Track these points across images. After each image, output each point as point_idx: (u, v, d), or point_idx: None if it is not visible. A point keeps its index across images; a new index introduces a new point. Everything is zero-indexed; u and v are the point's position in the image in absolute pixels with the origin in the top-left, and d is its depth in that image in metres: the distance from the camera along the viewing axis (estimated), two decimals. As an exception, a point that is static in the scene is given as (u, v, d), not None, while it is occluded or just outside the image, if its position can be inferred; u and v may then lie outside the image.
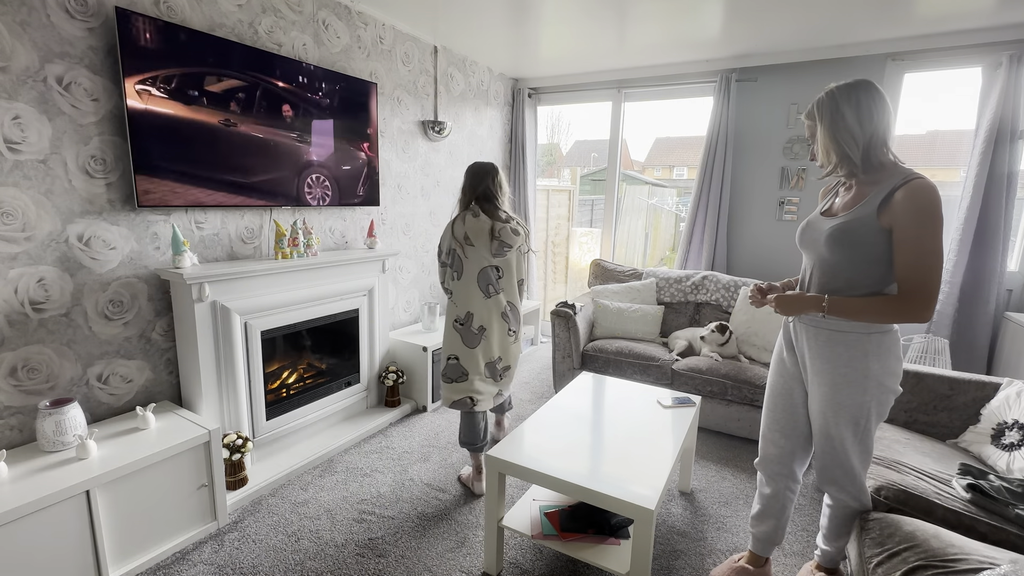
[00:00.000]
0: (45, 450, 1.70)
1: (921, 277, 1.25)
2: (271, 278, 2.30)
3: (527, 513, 1.82)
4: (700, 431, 2.89)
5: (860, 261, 1.34)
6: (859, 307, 1.32)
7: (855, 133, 1.32)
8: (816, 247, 1.42)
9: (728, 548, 1.95)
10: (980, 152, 2.86)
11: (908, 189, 1.25)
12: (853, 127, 1.32)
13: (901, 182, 1.28)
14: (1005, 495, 1.56)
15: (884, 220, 1.29)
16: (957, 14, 2.67)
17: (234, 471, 2.13)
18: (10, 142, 1.65)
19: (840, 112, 1.33)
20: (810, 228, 1.47)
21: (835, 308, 1.33)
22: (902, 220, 1.25)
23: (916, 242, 1.25)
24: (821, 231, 1.41)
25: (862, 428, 1.42)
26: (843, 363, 1.38)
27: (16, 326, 1.72)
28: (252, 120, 2.25)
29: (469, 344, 2.15)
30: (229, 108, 2.15)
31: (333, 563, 1.81)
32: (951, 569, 1.23)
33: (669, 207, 5.75)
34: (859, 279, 1.36)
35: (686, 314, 3.48)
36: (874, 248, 1.31)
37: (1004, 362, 2.95)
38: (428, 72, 3.41)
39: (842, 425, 1.42)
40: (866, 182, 1.37)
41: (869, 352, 1.35)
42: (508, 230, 2.10)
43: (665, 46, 3.34)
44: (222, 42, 2.10)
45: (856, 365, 1.36)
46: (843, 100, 1.33)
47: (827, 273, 1.41)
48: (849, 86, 1.34)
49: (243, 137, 2.22)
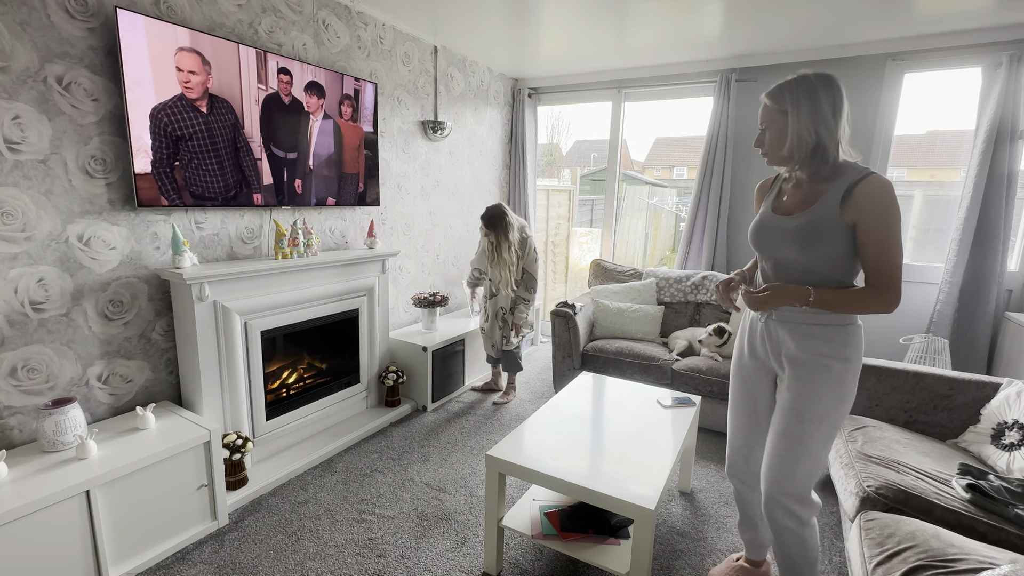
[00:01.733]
0: (45, 450, 1.70)
1: (892, 269, 1.27)
2: (271, 278, 2.30)
3: (527, 513, 1.82)
4: (700, 431, 2.89)
5: (830, 257, 1.33)
6: (842, 299, 1.32)
7: (830, 127, 1.30)
8: (779, 247, 1.41)
9: (728, 548, 1.95)
10: (980, 152, 2.86)
11: (869, 185, 1.27)
12: (829, 120, 1.30)
13: (858, 178, 1.28)
14: (1005, 495, 1.56)
15: (847, 216, 1.29)
16: (957, 14, 2.67)
17: (234, 471, 2.13)
18: (10, 142, 1.65)
19: (819, 103, 1.29)
20: (766, 228, 1.45)
21: (820, 300, 1.32)
22: (868, 216, 1.26)
23: (885, 236, 1.26)
24: (783, 230, 1.39)
25: (832, 425, 1.39)
26: (823, 354, 1.37)
27: (16, 326, 1.72)
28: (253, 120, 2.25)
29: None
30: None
31: (333, 563, 1.81)
32: (951, 569, 1.23)
33: (669, 207, 5.75)
34: (831, 274, 1.36)
35: (686, 314, 3.48)
36: (841, 244, 1.32)
37: (1004, 362, 2.95)
38: (428, 72, 3.41)
39: (813, 422, 1.38)
40: (818, 179, 1.36)
41: (847, 343, 1.36)
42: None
43: (665, 46, 3.34)
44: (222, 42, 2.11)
45: (836, 355, 1.36)
46: (823, 90, 1.30)
47: (795, 271, 1.40)
48: (827, 78, 1.31)
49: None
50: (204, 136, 2.08)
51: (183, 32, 1.96)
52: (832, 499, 2.26)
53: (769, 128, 1.40)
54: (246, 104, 2.22)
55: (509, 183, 4.54)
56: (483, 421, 2.99)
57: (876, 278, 1.29)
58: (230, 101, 2.16)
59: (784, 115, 1.35)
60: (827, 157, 1.32)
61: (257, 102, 2.26)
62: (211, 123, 2.10)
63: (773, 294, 1.36)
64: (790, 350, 1.42)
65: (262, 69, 2.26)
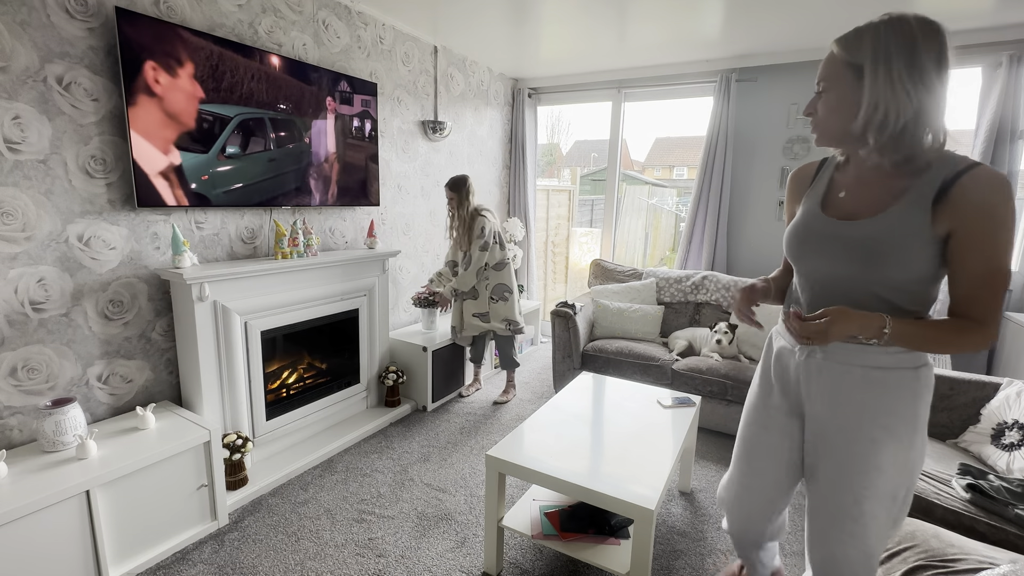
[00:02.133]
0: (45, 450, 1.70)
1: (996, 296, 0.94)
2: (271, 278, 2.30)
3: (527, 513, 1.82)
4: (700, 431, 2.89)
5: (908, 277, 0.99)
6: (928, 334, 0.97)
7: (936, 94, 0.92)
8: (833, 260, 1.05)
9: (728, 548, 1.95)
10: (980, 152, 2.86)
11: (975, 182, 0.91)
12: (934, 83, 0.92)
13: (957, 171, 0.93)
14: (1005, 495, 1.56)
15: (940, 224, 0.95)
16: (957, 14, 2.67)
17: (234, 471, 2.13)
18: (10, 142, 1.65)
19: (918, 58, 0.91)
20: (814, 235, 1.09)
21: (898, 335, 0.96)
22: (973, 224, 0.92)
23: (994, 253, 0.93)
24: (843, 239, 1.03)
25: (900, 501, 1.06)
26: (885, 411, 1.02)
27: (16, 326, 1.72)
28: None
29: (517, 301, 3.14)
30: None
31: (333, 563, 1.81)
32: (951, 569, 1.23)
33: (669, 207, 5.76)
34: (905, 299, 1.01)
35: (686, 314, 3.48)
36: (925, 262, 0.98)
37: (1004, 362, 2.95)
38: (428, 72, 3.41)
39: (876, 499, 1.04)
40: (903, 170, 0.98)
41: (918, 393, 1.03)
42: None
43: (665, 46, 3.34)
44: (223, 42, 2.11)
45: (903, 412, 1.02)
46: (926, 40, 0.91)
47: (855, 293, 1.04)
48: (930, 25, 0.93)
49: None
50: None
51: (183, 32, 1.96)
52: (832, 499, 2.26)
53: (830, 90, 1.01)
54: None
55: (509, 183, 4.54)
56: (483, 421, 2.99)
57: (975, 307, 0.96)
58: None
59: (858, 72, 0.96)
60: (921, 141, 0.95)
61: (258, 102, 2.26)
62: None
63: (835, 322, 0.95)
64: (841, 401, 1.07)
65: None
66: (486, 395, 3.38)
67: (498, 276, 3.06)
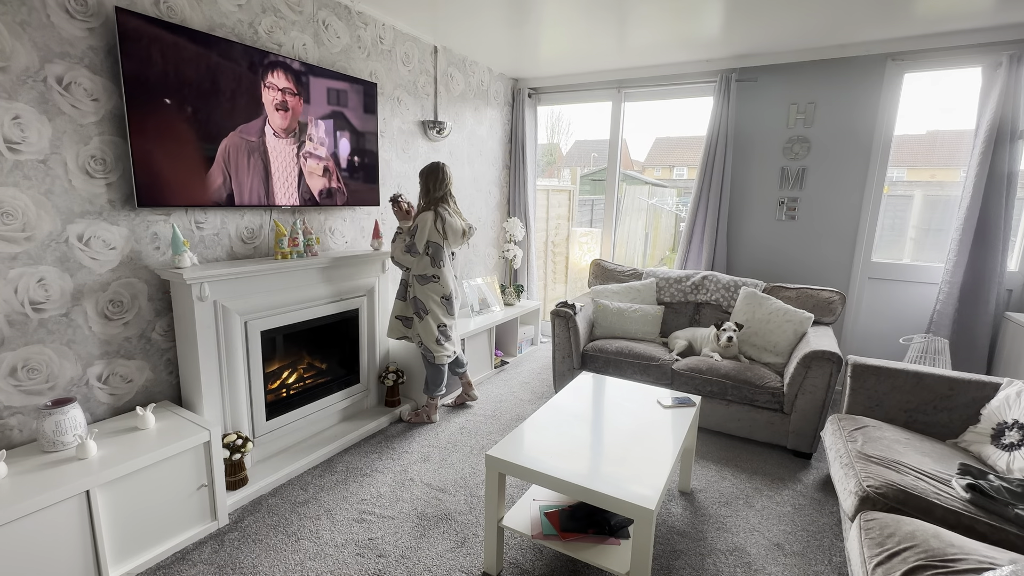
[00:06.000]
0: (45, 450, 1.70)
1: None
2: (271, 278, 2.30)
3: (527, 513, 1.82)
4: (700, 431, 2.89)
5: None
6: None
7: None
8: None
9: (728, 548, 1.95)
10: (980, 152, 2.86)
11: None
12: None
13: None
14: (1005, 495, 1.56)
15: None
16: (957, 14, 2.67)
17: (234, 471, 2.13)
18: (10, 142, 1.65)
19: None
20: None
21: None
22: None
23: None
24: None
25: None
26: None
27: (16, 326, 1.72)
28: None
29: (451, 314, 2.83)
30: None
31: (333, 563, 1.81)
32: (951, 569, 1.23)
33: (669, 207, 5.76)
34: None
35: (686, 314, 3.48)
36: None
37: (1004, 362, 2.96)
38: (428, 72, 3.41)
39: None
40: None
41: None
42: (471, 231, 2.89)
43: (665, 46, 3.34)
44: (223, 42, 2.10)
45: None
46: None
47: None
48: None
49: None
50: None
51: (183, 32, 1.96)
52: (832, 499, 2.26)
53: None
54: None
55: (509, 183, 4.54)
56: (483, 421, 2.99)
57: None
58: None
59: None
60: None
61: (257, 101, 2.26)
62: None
63: None
64: None
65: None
66: (486, 395, 3.38)
67: (420, 290, 2.72)
